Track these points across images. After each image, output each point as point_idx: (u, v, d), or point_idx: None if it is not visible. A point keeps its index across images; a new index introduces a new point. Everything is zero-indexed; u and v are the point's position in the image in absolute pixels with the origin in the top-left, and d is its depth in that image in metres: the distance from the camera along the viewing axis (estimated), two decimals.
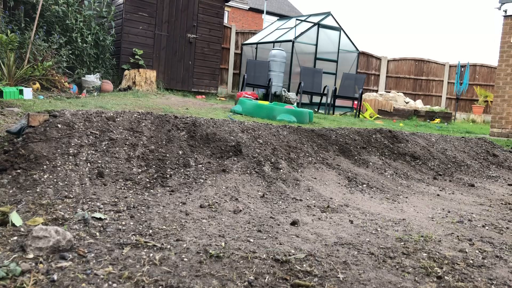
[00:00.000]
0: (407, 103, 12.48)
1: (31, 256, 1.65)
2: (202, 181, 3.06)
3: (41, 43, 7.34)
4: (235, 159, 3.48)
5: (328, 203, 3.03)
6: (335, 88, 10.48)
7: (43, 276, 1.52)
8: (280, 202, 2.95)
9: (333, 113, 10.27)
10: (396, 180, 4.06)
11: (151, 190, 2.78)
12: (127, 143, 3.23)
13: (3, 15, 7.54)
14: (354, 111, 10.88)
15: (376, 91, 15.24)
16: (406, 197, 3.51)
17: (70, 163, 2.78)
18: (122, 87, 8.79)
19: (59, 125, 3.03)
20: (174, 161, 3.23)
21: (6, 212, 2.02)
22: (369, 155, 4.50)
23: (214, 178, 3.13)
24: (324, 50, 11.98)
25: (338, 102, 10.96)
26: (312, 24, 11.77)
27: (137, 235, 2.01)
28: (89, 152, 2.96)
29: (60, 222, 2.06)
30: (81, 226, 2.04)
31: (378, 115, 10.74)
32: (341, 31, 12.22)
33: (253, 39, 13.14)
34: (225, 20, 22.76)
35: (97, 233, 1.99)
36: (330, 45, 12.13)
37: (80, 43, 8.31)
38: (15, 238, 1.83)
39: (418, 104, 12.86)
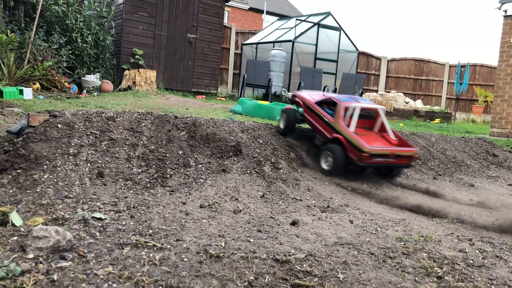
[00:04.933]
0: (407, 103, 12.48)
1: (31, 256, 1.65)
2: (202, 181, 3.06)
3: (41, 43, 7.34)
4: (235, 159, 3.48)
5: (328, 203, 3.03)
6: (335, 88, 10.48)
7: (43, 276, 1.52)
8: (280, 202, 2.95)
9: None
10: (396, 180, 4.05)
11: (151, 190, 2.78)
12: (127, 143, 3.23)
13: (3, 15, 7.53)
14: None
15: (376, 91, 15.24)
16: (406, 197, 3.51)
17: (70, 163, 2.78)
18: (122, 87, 8.79)
19: (59, 125, 3.03)
20: (174, 161, 3.23)
21: (6, 212, 2.02)
22: None
23: (214, 178, 3.13)
24: (324, 50, 11.97)
25: None
26: (312, 24, 11.77)
27: (137, 235, 2.01)
28: (89, 152, 2.96)
29: (60, 222, 2.06)
30: (81, 226, 2.04)
31: None
32: (341, 31, 12.22)
33: (253, 39, 13.14)
34: (225, 20, 22.75)
35: (97, 233, 1.99)
36: (330, 45, 12.13)
37: (80, 43, 8.30)
38: (15, 238, 1.83)
39: (418, 104, 12.85)
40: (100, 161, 2.92)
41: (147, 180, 2.91)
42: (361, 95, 10.14)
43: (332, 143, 3.63)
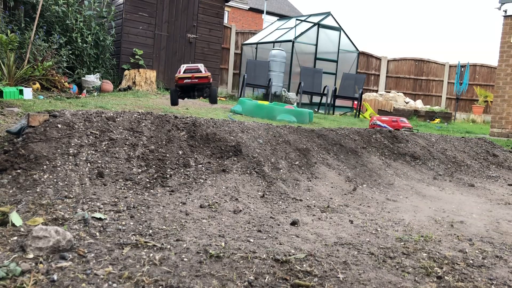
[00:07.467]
0: (407, 103, 12.49)
1: (31, 256, 1.65)
2: (202, 181, 3.06)
3: (41, 43, 7.34)
4: (235, 159, 3.48)
5: (328, 203, 3.03)
6: (335, 88, 10.48)
7: (43, 276, 1.52)
8: (280, 202, 2.95)
9: (333, 113, 10.27)
10: (396, 180, 4.06)
11: (151, 190, 2.78)
12: (127, 143, 3.23)
13: (3, 15, 7.53)
14: (354, 111, 10.88)
15: (376, 91, 15.24)
16: (406, 197, 3.51)
17: (70, 163, 2.78)
18: (122, 87, 8.79)
19: (59, 125, 3.03)
20: (174, 161, 3.23)
21: (6, 212, 2.02)
22: (369, 155, 4.50)
23: (214, 178, 3.13)
24: (324, 50, 11.98)
25: (338, 102, 10.97)
26: (312, 24, 11.78)
27: (137, 235, 2.01)
28: (89, 152, 2.96)
29: (60, 222, 2.06)
30: (81, 226, 2.04)
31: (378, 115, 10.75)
32: (341, 31, 12.23)
33: (253, 39, 13.14)
34: (225, 20, 22.74)
35: (97, 233, 1.99)
36: (330, 45, 12.14)
37: (80, 43, 8.30)
38: (15, 238, 1.83)
39: (418, 104, 12.86)
40: (100, 161, 2.92)
41: (147, 180, 2.91)
42: (361, 95, 10.15)
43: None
